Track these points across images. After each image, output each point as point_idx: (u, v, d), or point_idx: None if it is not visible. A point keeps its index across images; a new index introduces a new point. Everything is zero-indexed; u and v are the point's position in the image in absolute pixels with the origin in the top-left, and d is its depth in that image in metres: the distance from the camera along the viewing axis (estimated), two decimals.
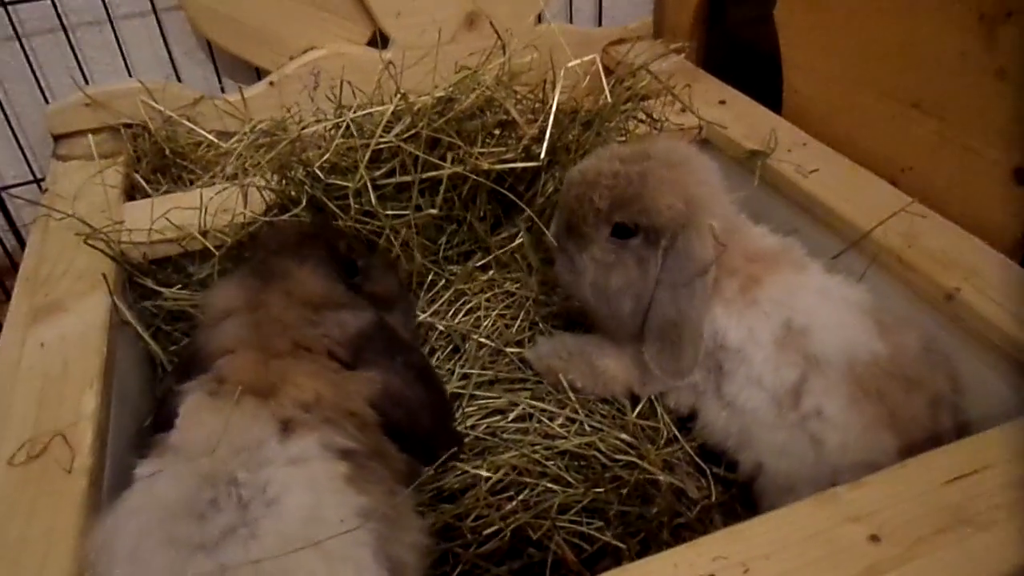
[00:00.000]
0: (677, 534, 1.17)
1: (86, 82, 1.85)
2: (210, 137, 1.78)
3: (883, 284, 1.32)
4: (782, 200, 1.55)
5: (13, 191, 1.88)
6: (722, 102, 1.85)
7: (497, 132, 1.43)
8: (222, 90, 2.00)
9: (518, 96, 1.46)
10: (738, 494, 1.25)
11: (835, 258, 1.40)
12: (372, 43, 2.01)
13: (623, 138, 1.57)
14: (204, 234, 1.41)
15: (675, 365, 1.19)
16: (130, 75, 1.89)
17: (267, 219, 1.39)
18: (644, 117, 1.63)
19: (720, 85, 1.94)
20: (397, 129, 1.33)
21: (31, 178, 1.90)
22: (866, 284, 1.30)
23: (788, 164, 1.55)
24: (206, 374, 0.97)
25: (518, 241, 1.52)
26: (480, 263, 1.53)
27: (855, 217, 1.39)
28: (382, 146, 1.33)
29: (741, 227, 1.26)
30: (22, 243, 1.90)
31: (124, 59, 1.88)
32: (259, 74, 1.97)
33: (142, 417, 1.25)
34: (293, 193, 1.40)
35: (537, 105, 1.46)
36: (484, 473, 1.18)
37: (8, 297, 1.29)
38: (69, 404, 1.05)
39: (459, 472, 1.19)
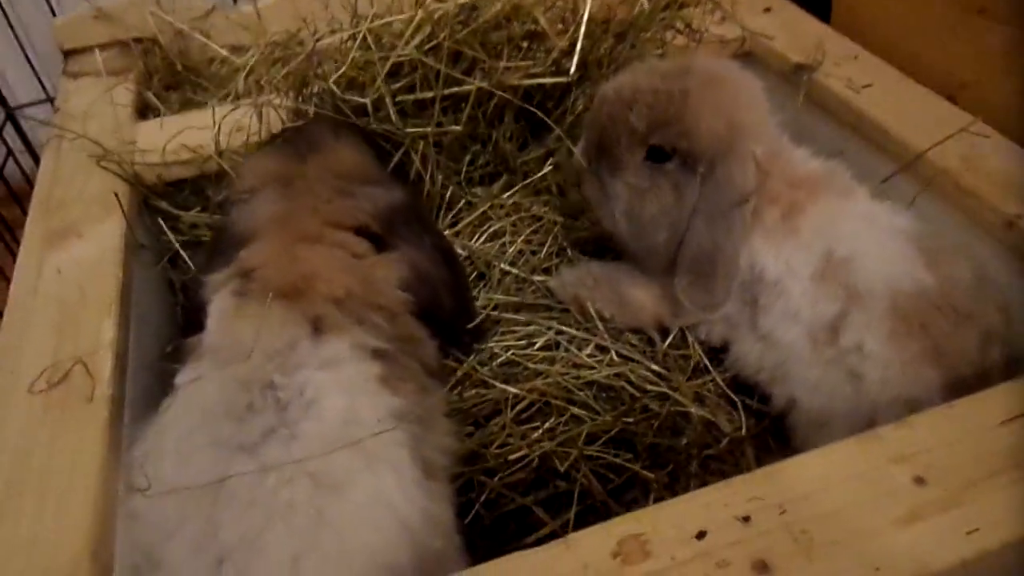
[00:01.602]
0: (706, 466, 1.15)
1: None
2: (223, 52, 1.68)
3: (937, 210, 1.24)
4: (830, 119, 1.45)
5: (27, 111, 1.83)
6: (767, 10, 1.72)
7: (524, 44, 1.34)
8: (234, 1, 1.90)
9: (547, 4, 1.36)
10: (770, 427, 1.21)
11: (885, 182, 1.31)
12: None
13: (659, 51, 1.47)
14: (220, 154, 1.36)
15: (707, 298, 1.15)
16: None
17: None
18: (682, 27, 1.52)
19: None
20: (417, 40, 1.24)
21: (44, 97, 1.85)
22: (918, 210, 1.22)
23: (837, 79, 1.45)
24: (230, 267, 0.96)
25: (548, 166, 1.45)
26: (506, 187, 1.46)
27: (909, 137, 1.29)
28: (402, 59, 1.25)
29: (784, 151, 1.19)
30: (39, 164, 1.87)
31: None
32: None
33: (164, 342, 1.23)
34: (309, 111, 1.33)
35: (567, 14, 1.36)
36: (512, 390, 1.14)
37: None
38: (88, 331, 1.04)
39: (485, 397, 1.16)
